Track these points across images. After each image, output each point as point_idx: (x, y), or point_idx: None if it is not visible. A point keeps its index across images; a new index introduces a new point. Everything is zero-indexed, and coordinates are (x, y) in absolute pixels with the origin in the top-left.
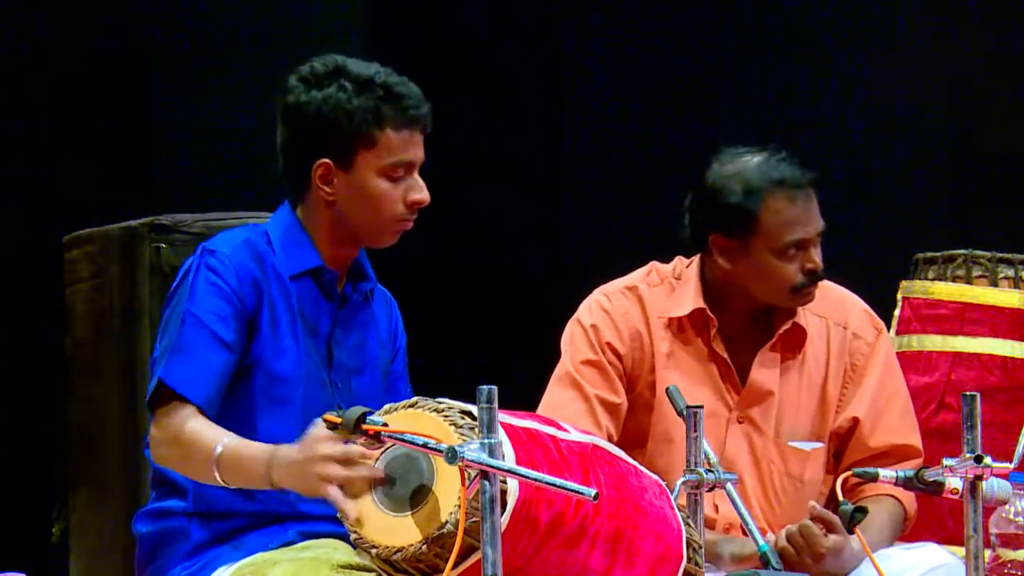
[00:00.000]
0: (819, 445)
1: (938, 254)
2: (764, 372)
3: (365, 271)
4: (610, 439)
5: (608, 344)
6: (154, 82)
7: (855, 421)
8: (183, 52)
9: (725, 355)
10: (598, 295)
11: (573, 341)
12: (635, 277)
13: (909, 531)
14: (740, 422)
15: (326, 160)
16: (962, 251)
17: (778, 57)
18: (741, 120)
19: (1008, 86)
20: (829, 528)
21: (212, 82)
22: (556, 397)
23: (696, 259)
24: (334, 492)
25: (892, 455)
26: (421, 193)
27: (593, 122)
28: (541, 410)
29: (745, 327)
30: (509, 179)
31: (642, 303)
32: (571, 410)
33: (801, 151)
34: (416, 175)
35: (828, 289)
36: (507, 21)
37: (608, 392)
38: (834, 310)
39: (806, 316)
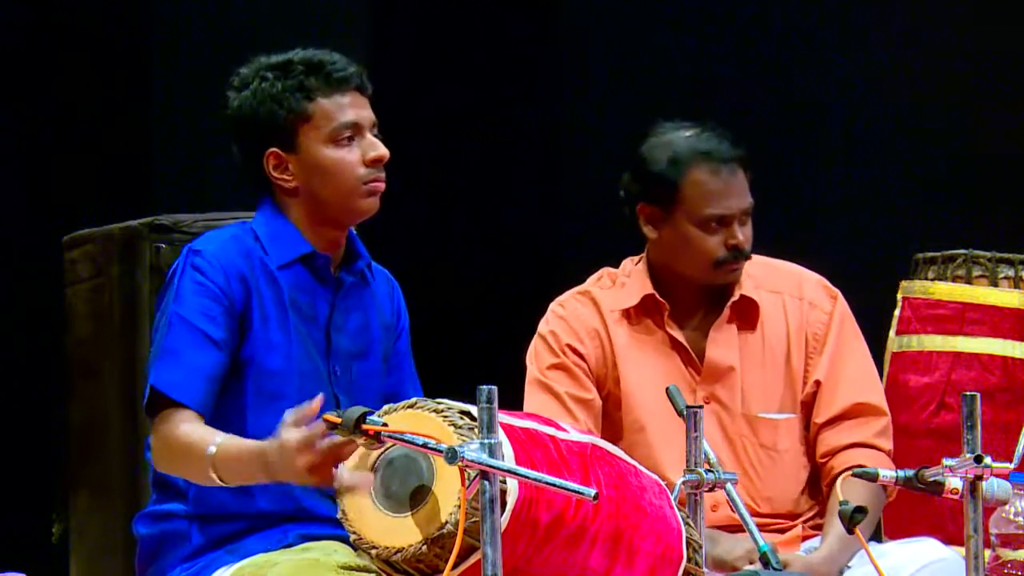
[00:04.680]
0: (790, 415)
1: (938, 254)
2: (720, 349)
3: (357, 250)
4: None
5: (568, 346)
6: (154, 82)
7: (817, 385)
8: (183, 52)
9: (681, 338)
10: (552, 306)
11: (536, 353)
12: (587, 283)
13: (908, 529)
14: (707, 402)
15: (273, 149)
16: (962, 251)
17: (778, 55)
18: (741, 118)
19: (1008, 86)
20: None
21: (213, 82)
22: (530, 405)
23: (644, 255)
24: (324, 477)
25: (855, 414)
26: (377, 149)
27: (593, 119)
28: None
29: (697, 307)
30: (509, 178)
31: (595, 303)
32: (546, 413)
33: (801, 150)
34: (369, 135)
35: (779, 266)
36: (505, 14)
37: (578, 389)
38: (788, 284)
39: (759, 293)
